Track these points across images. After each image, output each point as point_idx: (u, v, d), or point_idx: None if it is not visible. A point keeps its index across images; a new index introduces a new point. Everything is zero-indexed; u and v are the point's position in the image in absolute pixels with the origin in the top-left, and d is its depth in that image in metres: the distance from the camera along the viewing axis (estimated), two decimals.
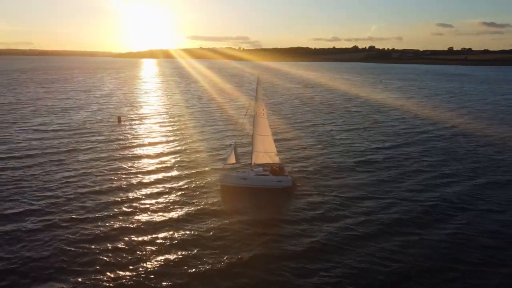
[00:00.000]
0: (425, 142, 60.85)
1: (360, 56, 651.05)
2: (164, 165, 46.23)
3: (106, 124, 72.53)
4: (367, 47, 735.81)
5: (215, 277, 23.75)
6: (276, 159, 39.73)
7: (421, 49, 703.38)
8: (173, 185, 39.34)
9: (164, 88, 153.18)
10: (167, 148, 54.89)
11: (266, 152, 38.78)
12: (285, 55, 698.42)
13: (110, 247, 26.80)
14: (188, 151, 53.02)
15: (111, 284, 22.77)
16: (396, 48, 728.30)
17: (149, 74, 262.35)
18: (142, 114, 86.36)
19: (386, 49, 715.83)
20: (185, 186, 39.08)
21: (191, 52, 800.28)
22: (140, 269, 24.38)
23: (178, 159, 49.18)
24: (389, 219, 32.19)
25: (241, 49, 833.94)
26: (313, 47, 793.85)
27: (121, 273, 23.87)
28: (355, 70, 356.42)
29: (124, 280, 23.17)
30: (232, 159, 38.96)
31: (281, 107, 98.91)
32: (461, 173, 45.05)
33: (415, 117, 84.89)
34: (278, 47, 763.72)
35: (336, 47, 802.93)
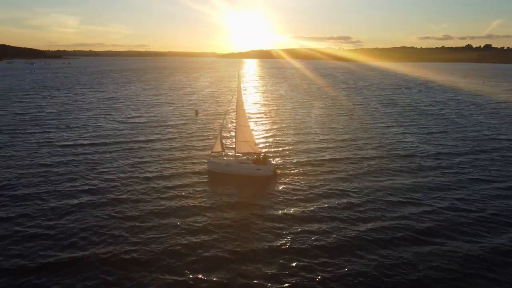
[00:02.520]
0: (503, 153, 54.39)
1: (473, 56, 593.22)
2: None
3: (184, 116, 79.81)
4: (481, 46, 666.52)
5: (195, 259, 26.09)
6: (256, 148, 42.07)
7: None
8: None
9: (251, 87, 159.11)
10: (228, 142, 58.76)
11: (246, 141, 41.06)
12: (387, 54, 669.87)
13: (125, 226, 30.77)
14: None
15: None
16: None
17: (243, 73, 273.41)
18: (219, 109, 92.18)
19: (505, 47, 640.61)
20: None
21: (291, 52, 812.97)
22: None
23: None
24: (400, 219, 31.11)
25: (341, 49, 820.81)
26: (419, 47, 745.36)
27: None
28: (461, 70, 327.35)
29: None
30: (218, 147, 41.26)
31: (357, 108, 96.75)
32: None
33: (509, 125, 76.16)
34: (380, 47, 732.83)
35: (446, 46, 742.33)
